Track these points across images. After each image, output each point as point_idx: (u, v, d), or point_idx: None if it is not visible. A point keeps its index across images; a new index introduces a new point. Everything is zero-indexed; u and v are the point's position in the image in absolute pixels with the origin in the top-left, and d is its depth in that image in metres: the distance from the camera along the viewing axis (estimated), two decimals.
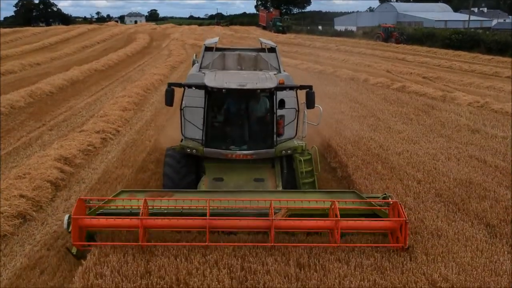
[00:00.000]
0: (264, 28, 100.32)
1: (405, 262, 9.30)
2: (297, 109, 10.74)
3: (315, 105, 11.00)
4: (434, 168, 14.66)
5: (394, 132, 19.22)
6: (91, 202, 9.04)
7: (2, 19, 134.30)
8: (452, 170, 14.41)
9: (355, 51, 54.53)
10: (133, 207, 8.80)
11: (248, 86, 9.86)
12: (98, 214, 8.83)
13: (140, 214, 8.28)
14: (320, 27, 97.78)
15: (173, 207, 8.94)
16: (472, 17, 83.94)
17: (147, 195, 9.04)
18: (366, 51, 54.42)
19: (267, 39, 14.95)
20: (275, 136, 10.63)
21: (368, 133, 18.83)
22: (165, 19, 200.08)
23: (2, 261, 9.53)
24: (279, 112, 10.82)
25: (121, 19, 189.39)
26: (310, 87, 10.55)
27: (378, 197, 9.34)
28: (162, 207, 8.89)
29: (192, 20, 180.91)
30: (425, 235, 10.20)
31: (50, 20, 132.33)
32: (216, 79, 10.19)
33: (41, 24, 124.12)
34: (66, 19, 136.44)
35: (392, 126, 20.15)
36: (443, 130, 19.62)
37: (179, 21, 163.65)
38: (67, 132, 19.28)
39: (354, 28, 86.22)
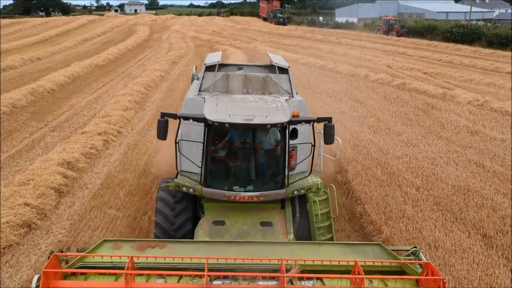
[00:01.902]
0: (265, 19, 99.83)
1: None
2: (312, 143, 8.85)
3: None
4: (433, 173, 14.84)
5: (394, 134, 19.37)
6: (67, 258, 7.28)
7: (1, 7, 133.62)
8: (450, 176, 14.59)
9: (355, 45, 54.42)
10: (115, 264, 7.13)
11: (256, 121, 8.14)
12: (77, 268, 7.15)
13: (124, 278, 6.56)
14: (321, 18, 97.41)
15: (165, 263, 7.29)
16: (474, 8, 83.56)
17: (134, 247, 7.54)
18: (366, 44, 54.30)
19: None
20: (287, 174, 8.93)
21: (368, 135, 18.98)
22: (165, 7, 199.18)
23: (8, 273, 9.74)
24: (291, 142, 9.19)
25: (121, 7, 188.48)
26: (329, 120, 8.73)
27: (407, 250, 7.88)
28: (150, 263, 7.23)
29: (192, 8, 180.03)
30: (423, 247, 10.41)
31: (50, 9, 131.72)
32: (218, 110, 8.45)
33: (40, 13, 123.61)
34: (65, 8, 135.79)
35: (392, 127, 20.29)
36: (442, 131, 19.76)
37: (179, 9, 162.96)
38: (69, 134, 19.41)
39: (355, 20, 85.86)
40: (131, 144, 18.47)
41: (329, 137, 8.78)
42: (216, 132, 8.76)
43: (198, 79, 10.98)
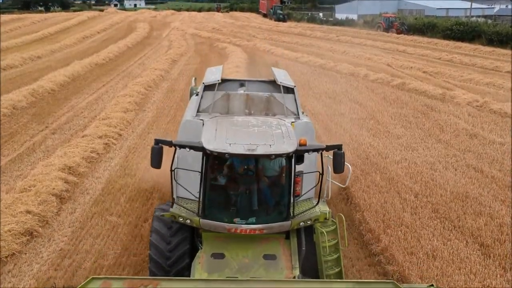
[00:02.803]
0: (265, 15, 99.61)
1: None
2: (320, 172, 8.17)
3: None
4: (432, 179, 14.94)
5: (393, 137, 19.46)
6: None
7: (0, 0, 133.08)
8: (449, 182, 14.69)
9: (355, 42, 54.39)
10: None
11: (259, 151, 7.55)
12: None
13: None
14: (321, 14, 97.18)
15: None
16: (474, 5, 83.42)
17: (125, 285, 6.95)
18: (366, 42, 54.29)
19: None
20: (292, 205, 8.29)
21: (368, 139, 19.07)
22: (164, 2, 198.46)
23: (11, 282, 9.86)
24: (297, 167, 8.44)
25: (120, 2, 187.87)
26: (339, 147, 8.12)
27: None
28: None
29: (191, 3, 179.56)
30: (421, 256, 10.55)
31: (49, 4, 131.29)
32: (217, 138, 7.87)
33: (39, 8, 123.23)
34: (65, 3, 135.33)
35: (391, 130, 20.38)
36: (441, 135, 19.85)
37: (178, 4, 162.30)
38: (69, 136, 19.50)
39: (355, 17, 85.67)
40: (131, 147, 18.56)
41: (339, 166, 8.13)
42: (215, 160, 8.17)
43: (197, 95, 10.32)
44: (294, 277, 8.08)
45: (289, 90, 9.76)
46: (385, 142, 18.69)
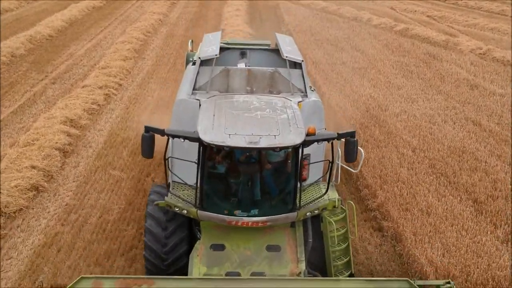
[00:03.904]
0: None
1: (394, 245, 10.12)
2: (330, 160, 7.43)
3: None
4: (430, 133, 15.09)
5: (393, 87, 19.43)
6: None
7: None
8: (447, 136, 14.85)
9: None
10: None
11: (263, 144, 6.73)
12: None
13: None
14: None
15: None
16: None
17: (117, 285, 6.52)
18: None
19: None
20: (299, 196, 7.47)
21: (368, 90, 19.04)
22: None
23: (21, 237, 10.25)
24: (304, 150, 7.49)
25: None
26: (351, 134, 7.31)
27: (439, 286, 6.91)
28: None
29: None
30: (415, 213, 10.89)
31: None
32: (215, 127, 6.99)
33: None
34: None
35: (392, 80, 20.30)
36: (442, 85, 19.80)
37: None
38: (70, 86, 19.49)
39: None
40: (132, 98, 18.60)
41: (351, 154, 7.42)
42: (213, 150, 7.32)
43: (193, 64, 9.38)
44: (300, 273, 7.58)
45: (296, 64, 8.84)
46: (385, 93, 18.68)
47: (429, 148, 14.06)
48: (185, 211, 7.63)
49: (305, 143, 6.99)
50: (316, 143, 7.28)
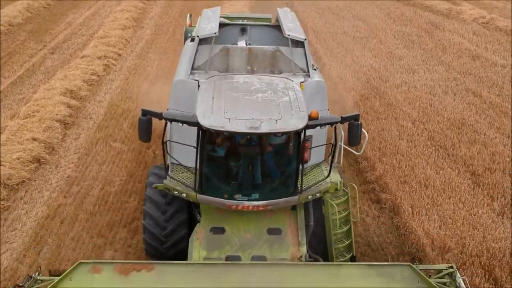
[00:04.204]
0: None
1: (392, 217, 10.29)
2: (333, 143, 7.27)
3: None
4: (430, 105, 15.09)
5: (395, 58, 19.30)
6: (40, 280, 6.38)
7: None
8: (447, 108, 14.85)
9: None
10: None
11: (264, 129, 6.53)
12: None
13: None
14: None
15: None
16: None
17: (116, 270, 6.44)
18: None
19: None
20: (300, 179, 7.31)
21: (369, 60, 18.93)
22: None
23: (24, 209, 10.41)
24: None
25: None
26: (355, 117, 7.15)
27: (441, 270, 6.81)
28: None
29: None
30: (414, 185, 11.01)
31: None
32: (214, 110, 6.76)
33: None
34: None
35: (393, 51, 20.14)
36: (444, 56, 19.65)
37: None
38: (69, 56, 19.38)
39: None
40: (131, 68, 18.53)
41: (355, 138, 7.26)
42: (212, 135, 7.13)
43: (192, 40, 9.09)
44: (301, 256, 7.53)
45: (298, 43, 8.52)
46: (386, 64, 18.57)
47: (428, 120, 14.09)
48: (185, 195, 7.52)
49: (308, 128, 6.78)
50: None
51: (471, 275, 8.31)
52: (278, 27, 9.21)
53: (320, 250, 8.11)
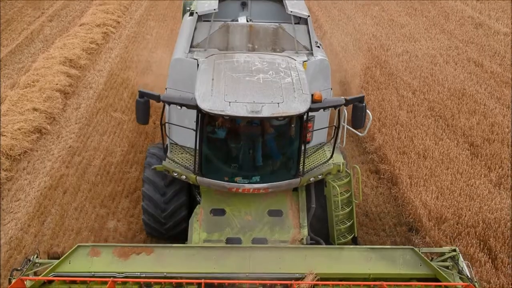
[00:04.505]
0: None
1: (390, 187, 10.43)
2: (336, 125, 7.21)
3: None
4: (431, 74, 15.03)
5: (396, 26, 19.09)
6: (39, 263, 6.31)
7: None
8: (448, 78, 14.80)
9: None
10: (94, 273, 6.17)
11: (265, 113, 6.36)
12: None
13: None
14: None
15: (153, 273, 6.28)
16: None
17: (115, 253, 6.40)
18: None
19: None
20: (302, 162, 7.15)
21: (371, 28, 18.73)
22: None
23: (27, 179, 10.54)
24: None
25: None
26: (360, 99, 6.96)
27: (444, 253, 6.72)
28: (135, 273, 6.23)
29: None
30: (412, 156, 11.10)
31: None
32: (214, 93, 6.54)
33: None
34: None
35: (395, 18, 19.90)
36: (446, 24, 19.43)
37: None
38: (67, 24, 19.18)
39: None
40: (130, 37, 18.38)
41: (359, 120, 7.07)
42: (212, 120, 7.00)
43: (191, 14, 8.74)
44: (302, 239, 7.47)
45: (301, 19, 8.28)
46: (388, 32, 18.39)
47: (429, 90, 14.07)
48: (184, 177, 7.38)
49: (311, 111, 6.60)
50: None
51: (466, 245, 8.49)
52: (280, 1, 8.94)
53: (321, 231, 8.06)
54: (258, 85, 6.71)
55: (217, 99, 6.46)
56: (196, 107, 6.50)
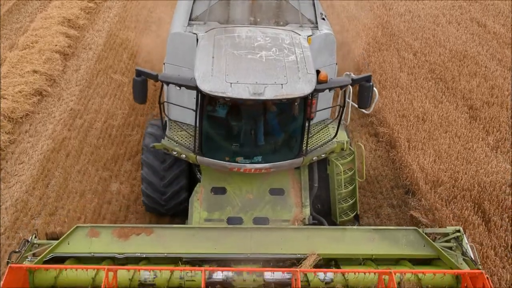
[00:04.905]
0: None
1: (389, 150, 10.56)
2: (341, 104, 7.08)
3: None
4: (433, 35, 14.89)
5: None
6: (37, 244, 6.25)
7: None
8: (449, 39, 14.67)
9: None
10: (93, 254, 6.15)
11: (268, 95, 6.14)
12: (47, 262, 6.02)
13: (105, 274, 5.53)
14: None
15: (154, 254, 6.25)
16: None
17: (114, 234, 6.32)
18: None
19: None
20: (305, 141, 7.01)
21: None
22: None
23: (30, 142, 10.66)
24: None
25: None
26: (367, 78, 6.74)
27: (448, 234, 6.65)
28: (136, 253, 6.18)
29: None
30: (411, 119, 11.17)
31: None
32: (214, 73, 6.29)
33: None
34: None
35: None
36: None
37: None
38: None
39: None
40: None
41: (365, 100, 6.89)
42: (213, 98, 6.62)
43: None
44: (304, 218, 7.38)
45: None
46: None
47: (430, 51, 13.98)
48: (184, 156, 7.26)
49: (316, 92, 6.39)
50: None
51: (461, 208, 8.69)
52: None
53: (323, 209, 8.07)
54: (261, 63, 6.45)
55: (217, 79, 6.22)
56: (196, 88, 6.28)
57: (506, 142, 10.48)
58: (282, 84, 6.20)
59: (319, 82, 6.35)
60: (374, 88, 7.05)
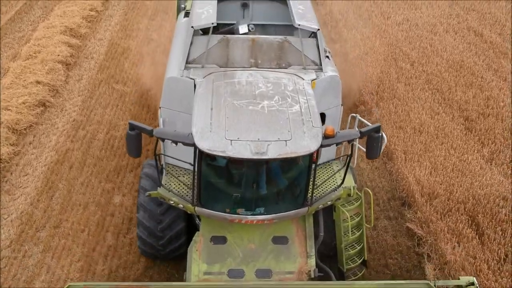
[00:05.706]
0: None
1: (386, 162, 10.77)
2: (348, 154, 6.68)
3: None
4: (430, 45, 15.10)
5: None
6: None
7: None
8: (446, 48, 14.88)
9: None
10: None
11: (271, 154, 5.72)
12: None
13: None
14: None
15: None
16: None
17: None
18: None
19: None
20: (311, 191, 6.52)
21: None
22: None
23: (34, 154, 10.87)
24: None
25: None
26: (376, 129, 6.30)
27: (461, 286, 6.14)
28: None
29: None
30: (408, 131, 11.38)
31: None
32: (213, 128, 5.90)
33: None
34: None
35: None
36: None
37: None
38: None
39: None
40: (130, 3, 18.30)
41: (374, 151, 6.43)
42: (212, 159, 6.31)
43: (186, 15, 8.18)
44: (309, 271, 6.90)
45: (310, 33, 7.60)
46: None
47: (427, 61, 14.19)
48: (181, 206, 6.81)
49: (322, 147, 6.00)
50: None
51: (455, 221, 8.90)
52: (285, 1, 8.30)
53: (329, 255, 7.79)
54: (263, 116, 6.07)
55: (217, 136, 5.80)
56: (193, 145, 5.86)
57: (501, 154, 10.68)
58: (286, 141, 5.81)
59: (325, 136, 6.01)
60: (383, 133, 6.50)
